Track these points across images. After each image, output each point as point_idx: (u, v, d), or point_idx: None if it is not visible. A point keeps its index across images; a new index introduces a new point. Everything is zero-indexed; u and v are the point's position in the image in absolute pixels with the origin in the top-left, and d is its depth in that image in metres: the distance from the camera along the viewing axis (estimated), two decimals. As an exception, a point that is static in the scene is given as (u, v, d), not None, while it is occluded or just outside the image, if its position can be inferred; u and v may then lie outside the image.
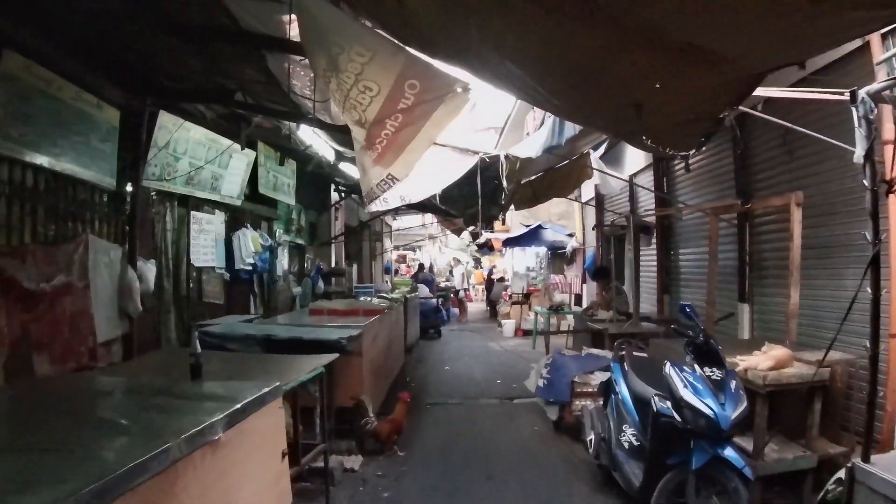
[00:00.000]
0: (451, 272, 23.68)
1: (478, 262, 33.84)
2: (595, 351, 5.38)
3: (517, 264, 17.47)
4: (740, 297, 6.42)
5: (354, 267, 17.60)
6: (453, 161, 4.67)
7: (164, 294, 6.10)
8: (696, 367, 3.34)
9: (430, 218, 29.86)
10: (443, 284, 19.99)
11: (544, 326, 10.68)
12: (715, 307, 5.81)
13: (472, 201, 5.99)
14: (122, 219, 5.25)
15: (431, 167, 4.52)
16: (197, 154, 6.48)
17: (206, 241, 7.15)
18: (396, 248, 24.09)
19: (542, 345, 11.01)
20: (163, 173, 5.77)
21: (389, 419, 4.93)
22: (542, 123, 10.05)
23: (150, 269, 5.23)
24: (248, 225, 7.87)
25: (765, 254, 6.14)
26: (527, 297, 14.09)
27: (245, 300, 8.01)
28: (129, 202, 5.21)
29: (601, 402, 4.35)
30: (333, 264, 12.37)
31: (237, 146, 6.65)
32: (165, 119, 5.53)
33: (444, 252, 34.19)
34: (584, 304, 13.31)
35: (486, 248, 20.44)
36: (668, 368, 3.37)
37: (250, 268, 7.72)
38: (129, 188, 5.21)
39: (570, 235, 14.12)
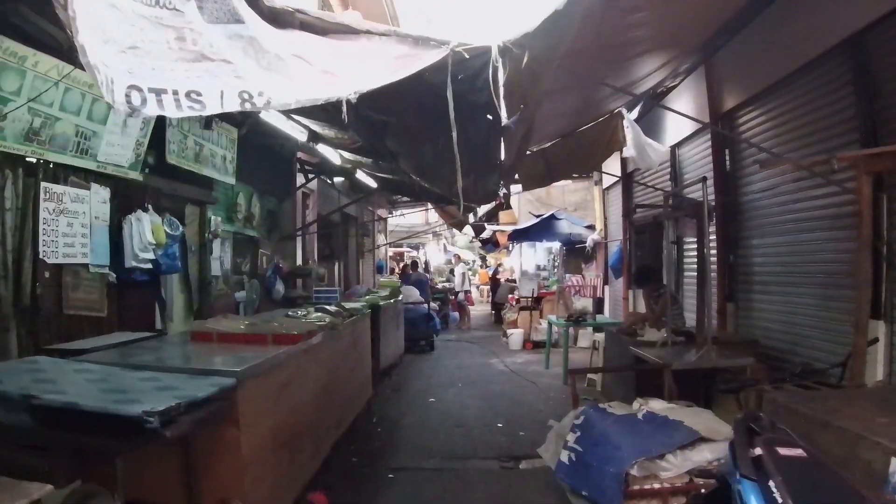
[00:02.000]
0: (451, 272, 21.45)
1: (483, 261, 31.67)
2: (657, 406, 3.22)
3: (526, 262, 15.26)
4: (874, 313, 4.19)
5: (338, 266, 15.57)
6: (390, 55, 2.47)
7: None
8: None
9: (434, 216, 27.72)
10: (440, 285, 17.80)
11: (560, 341, 8.50)
12: (865, 330, 3.58)
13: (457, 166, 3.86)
14: None
15: (337, 57, 2.36)
16: (47, 97, 4.38)
17: (70, 227, 5.01)
18: (391, 244, 21.89)
19: (558, 362, 8.84)
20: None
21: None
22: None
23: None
24: (150, 207, 5.71)
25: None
26: (537, 301, 11.90)
27: (145, 311, 5.86)
28: None
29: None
30: (299, 263, 10.20)
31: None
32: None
33: (450, 250, 32.08)
34: (608, 310, 11.10)
35: (491, 244, 18.22)
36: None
37: (148, 266, 5.56)
38: None
39: (590, 227, 11.90)
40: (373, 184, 9.41)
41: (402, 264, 18.58)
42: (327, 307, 5.13)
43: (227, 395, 2.60)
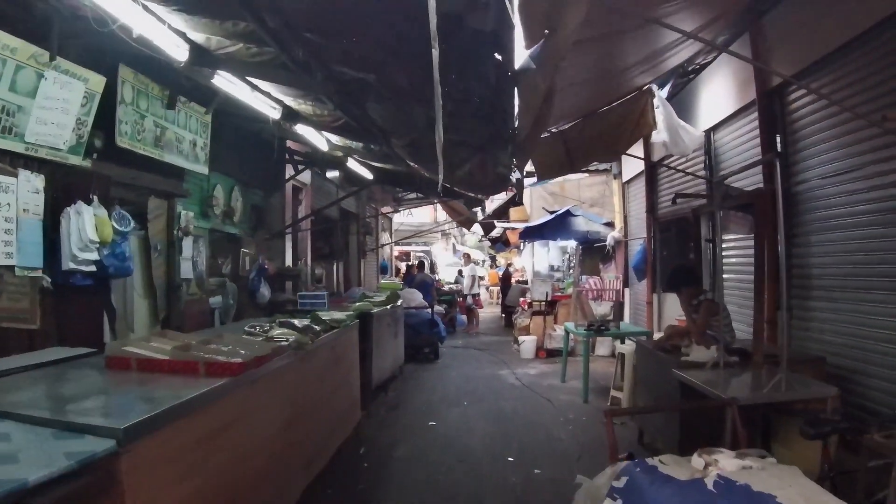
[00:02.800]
0: (459, 272, 20.52)
1: (493, 261, 30.73)
2: (729, 465, 2.32)
3: (538, 262, 14.34)
4: None
5: (337, 266, 14.76)
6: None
7: None
8: None
9: (443, 214, 26.79)
10: (447, 287, 16.90)
11: (578, 349, 7.59)
12: None
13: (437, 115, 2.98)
14: None
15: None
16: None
17: (-14, 221, 4.17)
18: (396, 243, 21.02)
19: (575, 374, 7.95)
20: None
21: None
22: None
23: None
24: (95, 199, 4.88)
25: None
26: (551, 305, 10.97)
27: (90, 321, 5.02)
28: None
29: None
30: (289, 263, 9.37)
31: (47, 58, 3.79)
32: None
33: (458, 249, 31.15)
34: (628, 316, 10.16)
35: (501, 243, 17.31)
36: None
37: (92, 268, 4.73)
38: None
39: (608, 225, 10.96)
40: (368, 175, 8.54)
41: (406, 264, 17.68)
42: (295, 321, 4.25)
43: (100, 467, 1.73)
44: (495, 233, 17.14)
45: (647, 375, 5.26)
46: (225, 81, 4.79)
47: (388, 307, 7.60)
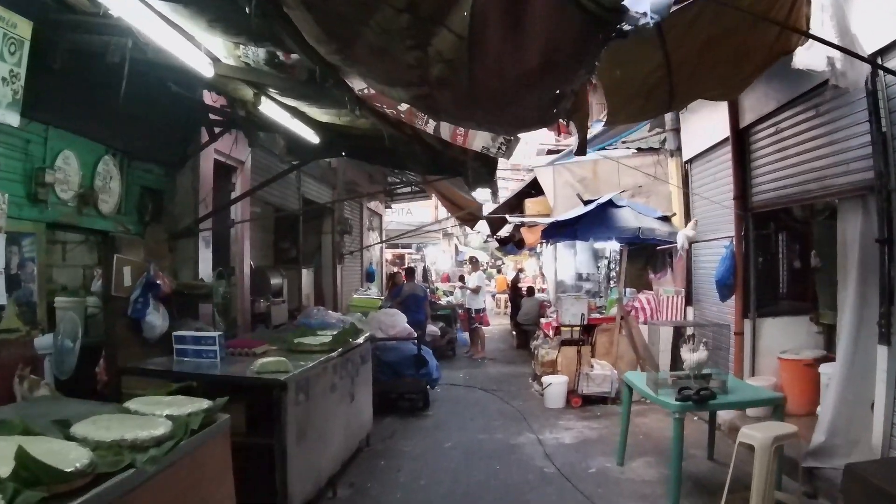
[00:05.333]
0: (461, 279, 17.62)
1: (498, 268, 27.86)
2: None
3: (562, 270, 11.46)
4: None
5: (306, 275, 11.92)
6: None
7: None
8: None
9: (443, 212, 23.86)
10: (445, 301, 14.05)
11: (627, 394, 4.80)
12: None
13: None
14: None
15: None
16: None
17: None
18: (385, 242, 18.21)
19: (638, 448, 5.18)
20: None
21: None
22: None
23: None
24: None
25: None
26: (587, 331, 8.12)
27: None
28: None
29: None
30: (204, 275, 6.55)
31: None
32: None
33: (462, 251, 28.24)
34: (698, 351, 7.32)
35: (513, 244, 14.46)
36: None
37: None
38: None
39: (664, 219, 8.14)
40: (312, 137, 5.72)
41: (393, 272, 14.85)
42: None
43: None
44: (504, 231, 14.31)
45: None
46: None
47: (336, 353, 4.76)
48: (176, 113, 5.88)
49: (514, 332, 14.46)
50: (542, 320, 9.68)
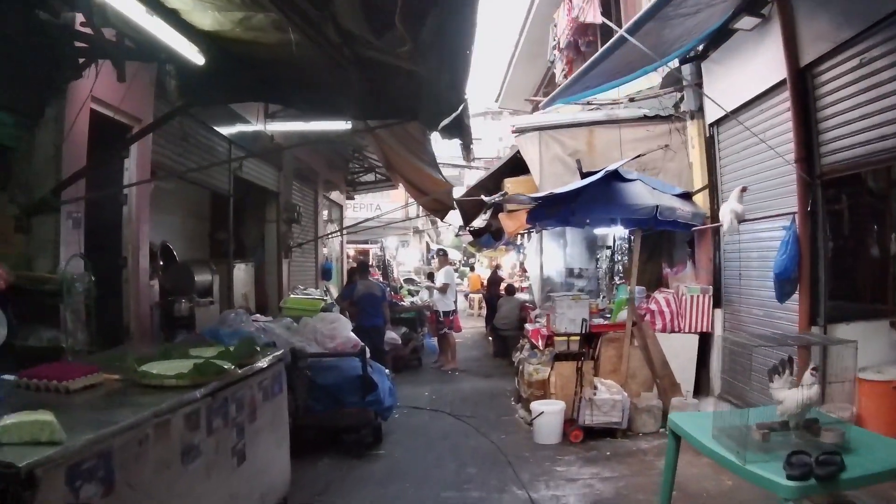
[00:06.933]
0: (430, 277, 15.72)
1: (471, 265, 26.01)
2: None
3: (549, 263, 9.66)
4: None
5: (244, 270, 10.07)
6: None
7: None
8: None
9: (413, 209, 21.89)
10: (408, 301, 12.13)
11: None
12: None
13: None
14: None
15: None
16: None
17: None
18: (342, 232, 16.24)
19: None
20: None
21: None
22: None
23: None
24: None
25: None
26: (588, 341, 6.32)
27: None
28: None
29: None
30: (68, 265, 4.56)
31: None
32: None
33: (434, 248, 26.31)
34: (718, 363, 5.65)
35: (489, 234, 12.65)
36: None
37: None
38: None
39: (685, 197, 6.42)
40: (195, 57, 3.79)
41: (351, 267, 12.91)
42: None
43: None
44: (479, 221, 12.51)
45: None
46: None
47: (202, 393, 2.84)
48: (36, 43, 3.96)
49: (490, 338, 12.62)
50: (528, 326, 7.84)
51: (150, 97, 5.86)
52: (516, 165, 9.41)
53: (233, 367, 3.16)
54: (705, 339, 6.51)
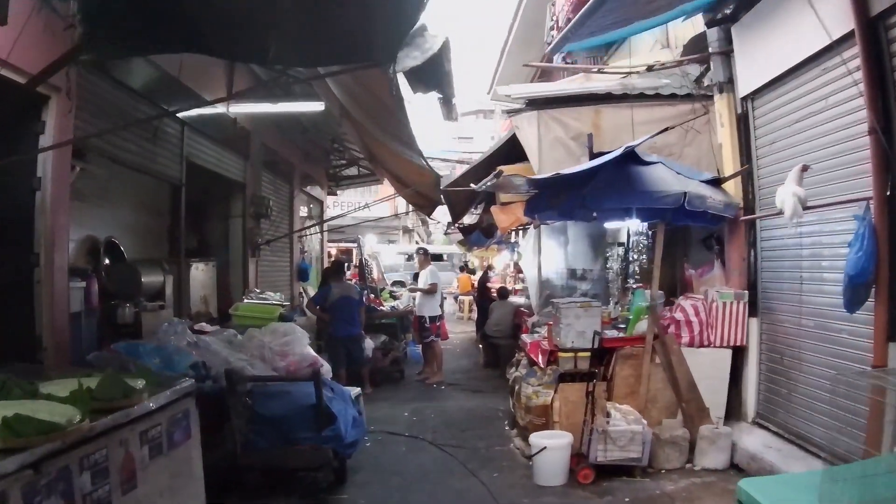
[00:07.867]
0: (415, 278, 14.62)
1: (465, 264, 24.96)
2: None
3: (548, 263, 8.59)
4: None
5: (203, 271, 9.09)
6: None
7: None
8: None
9: (402, 205, 20.71)
10: (389, 306, 11.05)
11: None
12: None
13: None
14: None
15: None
16: None
17: None
18: (320, 224, 15.13)
19: None
20: None
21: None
22: None
23: None
24: None
25: None
26: (600, 358, 5.25)
27: None
28: None
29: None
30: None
31: None
32: None
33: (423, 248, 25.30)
34: (755, 389, 4.63)
35: (479, 230, 11.58)
36: None
37: None
38: None
39: (714, 184, 5.40)
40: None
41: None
42: None
43: None
44: (469, 218, 11.45)
45: None
46: None
47: (14, 467, 1.76)
48: None
49: (480, 347, 11.53)
50: (525, 337, 6.75)
51: (51, 46, 4.66)
52: (511, 152, 8.35)
53: (78, 417, 2.06)
54: (737, 353, 5.47)
